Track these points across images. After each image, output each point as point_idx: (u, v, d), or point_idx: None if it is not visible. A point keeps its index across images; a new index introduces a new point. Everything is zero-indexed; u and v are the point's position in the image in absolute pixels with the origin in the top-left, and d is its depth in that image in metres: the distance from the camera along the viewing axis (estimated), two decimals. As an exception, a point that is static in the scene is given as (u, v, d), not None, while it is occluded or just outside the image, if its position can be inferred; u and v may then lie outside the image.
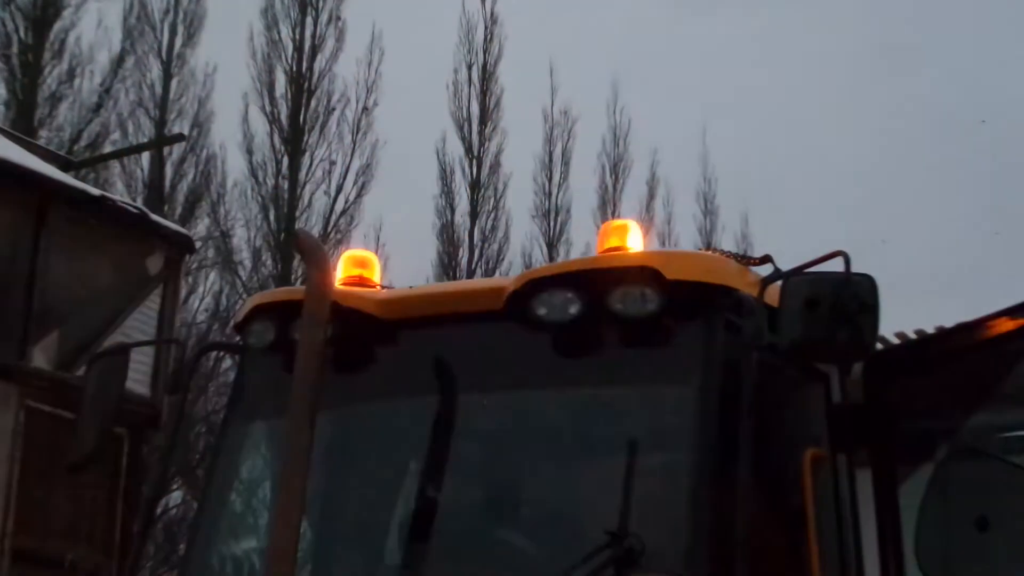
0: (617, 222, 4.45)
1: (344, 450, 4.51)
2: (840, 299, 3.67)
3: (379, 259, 4.81)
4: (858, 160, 43.81)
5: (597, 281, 3.99)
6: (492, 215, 29.66)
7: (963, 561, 4.11)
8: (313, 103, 27.70)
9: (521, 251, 29.78)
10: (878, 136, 45.45)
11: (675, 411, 3.97)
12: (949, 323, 4.97)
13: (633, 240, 4.32)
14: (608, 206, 30.55)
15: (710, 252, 4.58)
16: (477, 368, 4.17)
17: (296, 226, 25.91)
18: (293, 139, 27.26)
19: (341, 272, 4.62)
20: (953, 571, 4.13)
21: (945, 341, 4.47)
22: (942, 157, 40.89)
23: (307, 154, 27.39)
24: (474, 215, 29.52)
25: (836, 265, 3.74)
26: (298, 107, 27.55)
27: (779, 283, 3.83)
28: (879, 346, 4.03)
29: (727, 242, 29.57)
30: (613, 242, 4.31)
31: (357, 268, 4.69)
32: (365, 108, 27.97)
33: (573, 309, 4.00)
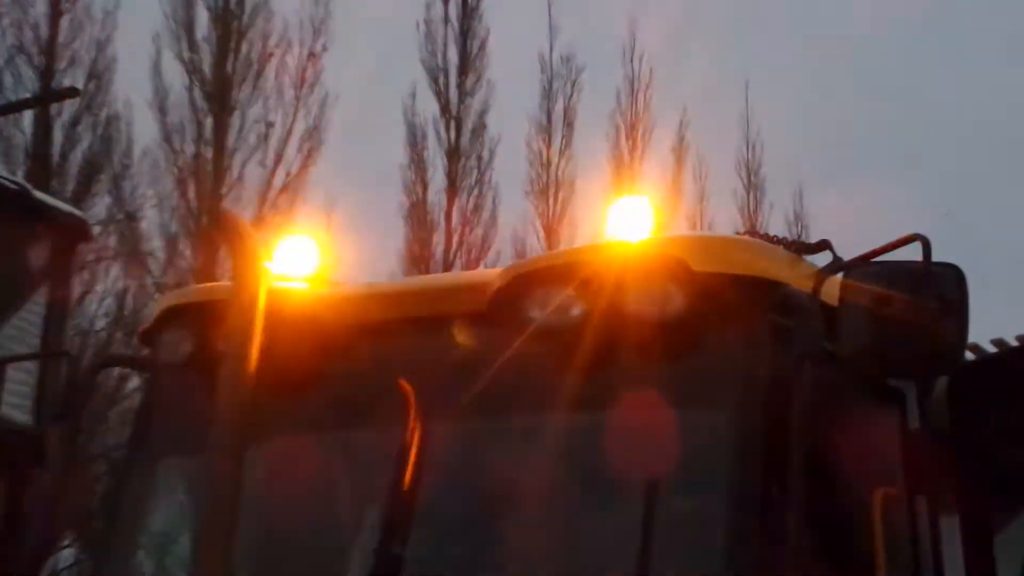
0: (634, 199, 4.47)
1: (283, 492, 4.52)
2: (918, 296, 3.69)
3: (329, 248, 4.83)
4: (943, 122, 43.86)
5: (607, 275, 4.02)
6: (475, 191, 29.77)
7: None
8: (244, 48, 27.74)
9: (512, 237, 29.91)
10: (969, 88, 45.54)
11: (707, 439, 3.98)
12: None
13: (653, 222, 4.34)
14: (623, 179, 30.62)
15: (752, 237, 4.61)
16: (454, 385, 4.18)
17: (222, 205, 25.91)
18: (219, 94, 27.28)
19: (280, 265, 4.63)
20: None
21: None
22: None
23: (236, 113, 27.44)
24: (452, 191, 29.58)
25: (912, 253, 3.76)
26: (225, 53, 27.56)
27: (840, 276, 3.86)
28: (969, 357, 4.05)
29: (776, 224, 29.69)
30: (628, 225, 4.32)
31: (300, 259, 4.70)
32: (311, 54, 28.08)
33: (575, 311, 4.02)
